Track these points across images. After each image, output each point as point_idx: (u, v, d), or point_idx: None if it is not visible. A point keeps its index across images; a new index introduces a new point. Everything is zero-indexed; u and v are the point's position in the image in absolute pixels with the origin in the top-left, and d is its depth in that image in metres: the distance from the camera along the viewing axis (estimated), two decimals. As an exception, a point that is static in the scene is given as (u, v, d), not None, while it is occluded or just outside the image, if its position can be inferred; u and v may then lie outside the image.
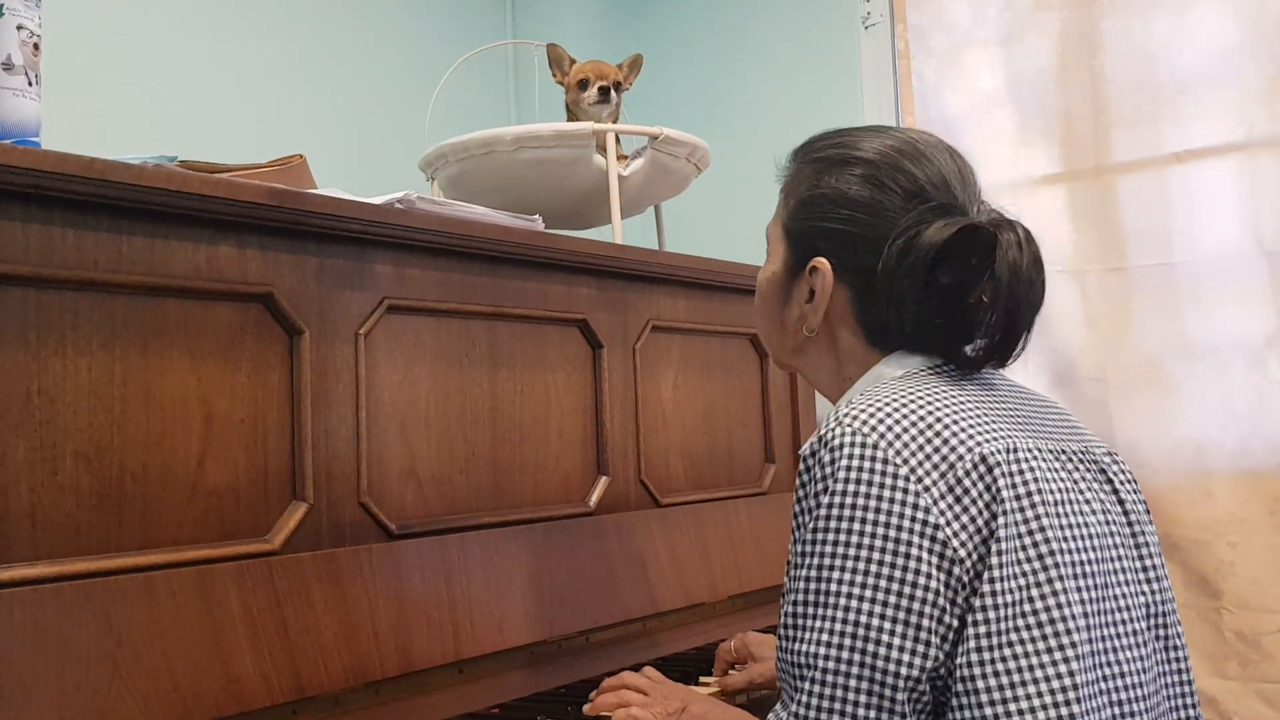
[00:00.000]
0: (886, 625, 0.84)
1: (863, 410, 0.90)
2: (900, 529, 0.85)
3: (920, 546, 0.84)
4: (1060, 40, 2.35)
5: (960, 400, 0.93)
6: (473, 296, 1.44)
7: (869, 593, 0.85)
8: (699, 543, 1.68)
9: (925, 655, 0.84)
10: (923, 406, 0.90)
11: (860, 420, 0.89)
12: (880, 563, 0.85)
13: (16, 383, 1.01)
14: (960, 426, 0.89)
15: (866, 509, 0.86)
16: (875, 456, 0.87)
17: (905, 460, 0.87)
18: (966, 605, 0.84)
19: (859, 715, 0.84)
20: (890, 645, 0.84)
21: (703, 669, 1.42)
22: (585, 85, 1.99)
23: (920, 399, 0.91)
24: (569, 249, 1.56)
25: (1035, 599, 0.85)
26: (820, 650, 0.86)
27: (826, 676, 0.86)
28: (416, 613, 1.25)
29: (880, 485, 0.86)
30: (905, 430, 0.88)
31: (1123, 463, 1.03)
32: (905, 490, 0.86)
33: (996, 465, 0.87)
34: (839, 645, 0.85)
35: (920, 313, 0.97)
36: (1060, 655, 0.83)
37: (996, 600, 0.84)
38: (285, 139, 2.15)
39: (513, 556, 1.39)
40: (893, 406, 0.90)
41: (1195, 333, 2.17)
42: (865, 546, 0.86)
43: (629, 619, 1.51)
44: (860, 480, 0.87)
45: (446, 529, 1.35)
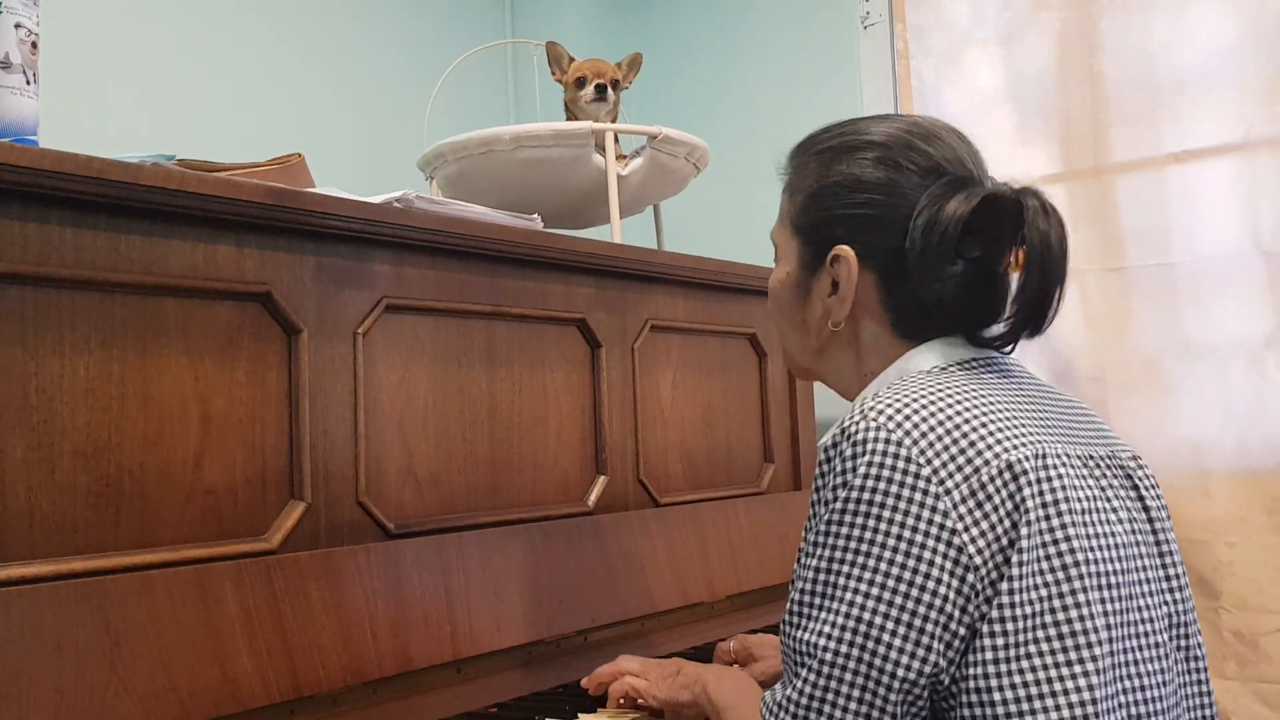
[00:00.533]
0: (889, 625, 0.83)
1: (889, 405, 0.88)
2: (916, 530, 0.83)
3: (935, 550, 0.83)
4: (1059, 40, 2.34)
5: (990, 400, 0.90)
6: (471, 296, 1.44)
7: (875, 590, 0.84)
8: (697, 542, 1.68)
9: (925, 660, 0.83)
10: (951, 405, 0.88)
11: (886, 415, 0.87)
12: (891, 562, 0.84)
13: (14, 382, 1.01)
14: (989, 429, 0.87)
15: (884, 506, 0.84)
16: (899, 454, 0.85)
17: (929, 460, 0.84)
18: (979, 614, 0.83)
19: (849, 709, 0.84)
20: (890, 645, 0.83)
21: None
22: (583, 83, 1.99)
23: (949, 397, 0.89)
24: (568, 248, 1.56)
25: (1057, 610, 0.83)
26: (820, 641, 0.86)
27: (823, 668, 0.85)
28: (414, 612, 1.24)
29: (901, 484, 0.84)
30: (932, 429, 0.86)
31: (1147, 467, 1.00)
32: (926, 491, 0.84)
33: (1024, 472, 0.85)
34: (838, 639, 0.85)
35: (948, 289, 0.95)
36: (1080, 669, 0.82)
37: (1016, 611, 0.82)
38: (284, 138, 2.15)
39: (511, 556, 1.38)
40: (920, 403, 0.88)
41: (1194, 332, 2.17)
42: (878, 544, 0.84)
43: (627, 618, 1.51)
44: (881, 477, 0.85)
45: (444, 528, 1.35)
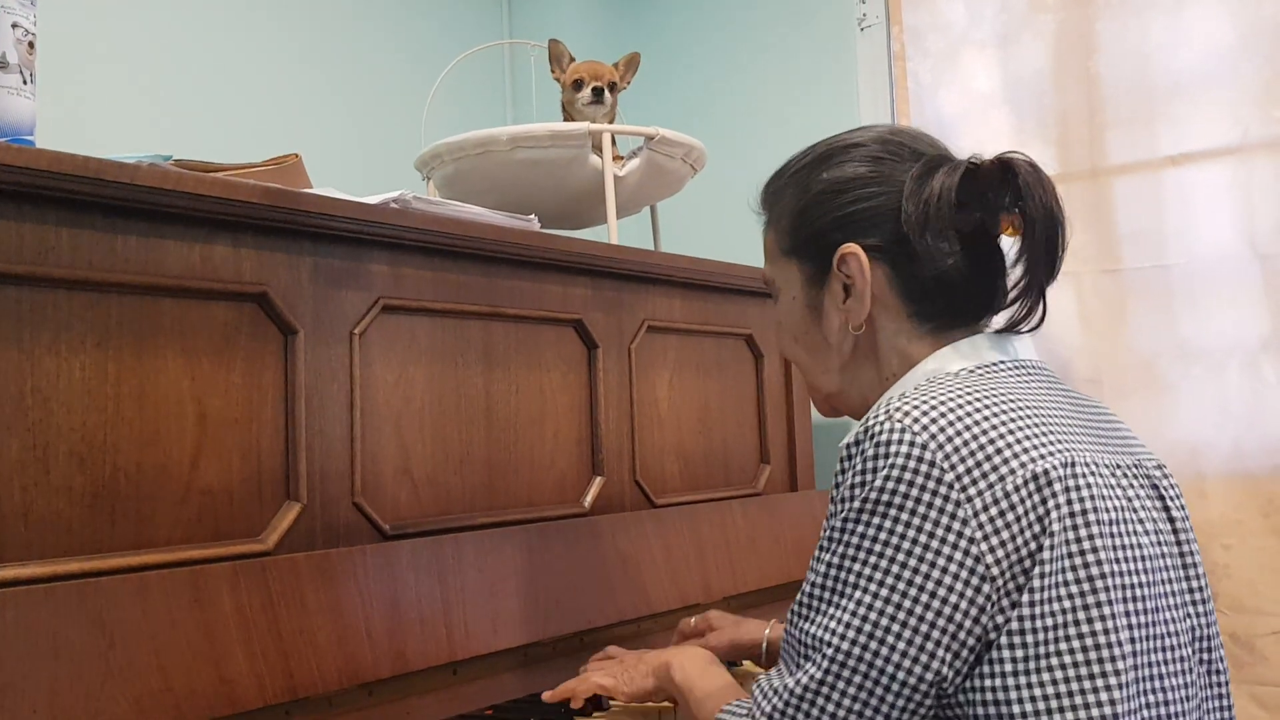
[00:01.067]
0: (894, 628, 0.83)
1: (915, 406, 0.86)
2: (933, 536, 0.82)
3: (950, 558, 0.82)
4: (1056, 42, 2.35)
5: (1020, 406, 0.88)
6: (468, 296, 1.44)
7: (885, 591, 0.83)
8: (694, 543, 1.68)
9: (927, 666, 0.82)
10: (980, 410, 0.86)
11: (912, 417, 0.85)
12: (904, 565, 0.83)
13: (10, 382, 1.01)
14: (1016, 437, 0.85)
15: (903, 509, 0.83)
16: (923, 458, 0.83)
17: (953, 466, 0.83)
18: (993, 624, 0.82)
19: (843, 704, 0.84)
20: (894, 648, 0.83)
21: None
22: (580, 86, 1.99)
23: (978, 401, 0.87)
24: (564, 249, 1.56)
25: (1082, 622, 0.82)
26: (825, 635, 0.86)
27: (824, 662, 0.85)
28: (410, 613, 1.24)
29: (922, 488, 0.83)
30: (959, 434, 0.84)
31: (1171, 476, 0.99)
32: (947, 498, 0.82)
33: (1052, 481, 0.84)
34: (843, 635, 0.85)
35: (961, 266, 0.95)
36: (1103, 682, 0.81)
37: (1038, 622, 0.81)
38: (280, 138, 2.14)
39: (507, 557, 1.38)
40: (947, 406, 0.86)
41: (1190, 335, 2.17)
42: (892, 546, 0.83)
43: (623, 620, 1.51)
44: (902, 479, 0.83)
45: (441, 529, 1.35)
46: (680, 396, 1.79)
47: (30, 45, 1.13)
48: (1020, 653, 0.82)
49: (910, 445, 0.84)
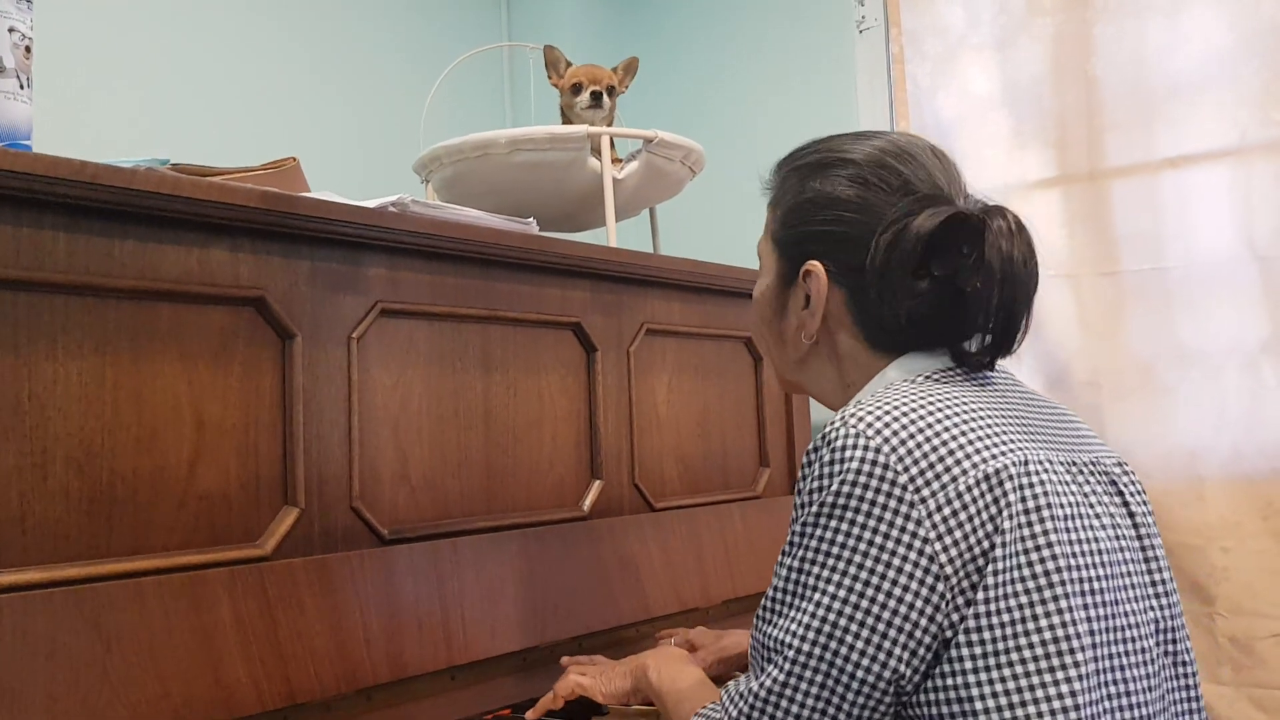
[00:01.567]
0: (852, 628, 0.85)
1: (869, 412, 0.89)
2: (888, 537, 0.84)
3: (905, 559, 0.84)
4: (1054, 44, 2.35)
5: (972, 408, 0.91)
6: (466, 300, 1.44)
7: (842, 593, 0.85)
8: (693, 547, 1.68)
9: (885, 664, 0.84)
10: (931, 414, 0.89)
11: (865, 423, 0.88)
12: (860, 566, 0.85)
13: (7, 387, 1.01)
14: (968, 439, 0.88)
15: (858, 511, 0.85)
16: (876, 461, 0.85)
17: (906, 469, 0.85)
18: (949, 622, 0.84)
19: (807, 704, 0.86)
20: (852, 648, 0.85)
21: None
22: (578, 90, 1.99)
23: (930, 405, 0.89)
24: (563, 252, 1.56)
25: (1040, 616, 0.83)
26: (786, 638, 0.88)
27: (786, 664, 0.88)
28: (408, 618, 1.24)
29: (876, 490, 0.85)
30: (911, 437, 0.87)
31: (1133, 473, 1.01)
32: (900, 499, 0.85)
33: (1004, 481, 0.86)
34: (803, 637, 0.87)
35: (916, 307, 0.96)
36: (1063, 674, 0.82)
37: (994, 619, 0.83)
38: (278, 141, 2.14)
39: (505, 562, 1.38)
40: (900, 411, 0.88)
41: (1188, 337, 2.17)
42: (849, 549, 0.86)
43: (622, 624, 1.50)
44: (856, 484, 0.86)
45: (439, 534, 1.35)
46: (679, 399, 1.79)
47: (27, 49, 1.13)
48: (979, 649, 0.83)
49: (864, 450, 0.86)
